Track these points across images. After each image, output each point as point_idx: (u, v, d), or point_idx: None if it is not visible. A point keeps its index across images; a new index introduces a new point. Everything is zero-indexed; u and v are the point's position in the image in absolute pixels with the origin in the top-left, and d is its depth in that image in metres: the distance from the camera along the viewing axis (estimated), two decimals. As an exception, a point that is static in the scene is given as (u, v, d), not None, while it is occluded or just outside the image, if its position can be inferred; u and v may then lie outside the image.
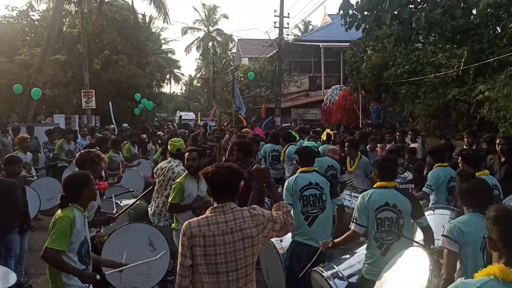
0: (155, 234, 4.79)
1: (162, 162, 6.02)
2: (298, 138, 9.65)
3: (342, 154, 8.01)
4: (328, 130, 9.59)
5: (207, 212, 2.92)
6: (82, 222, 3.64)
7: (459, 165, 5.58)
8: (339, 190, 6.22)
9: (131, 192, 7.59)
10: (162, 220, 5.70)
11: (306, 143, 7.81)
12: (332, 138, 9.00)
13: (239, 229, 2.82)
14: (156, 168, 6.05)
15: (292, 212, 4.84)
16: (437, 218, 4.92)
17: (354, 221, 4.05)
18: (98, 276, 3.62)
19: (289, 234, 5.08)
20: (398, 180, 6.71)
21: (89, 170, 4.48)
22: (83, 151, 5.17)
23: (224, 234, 2.80)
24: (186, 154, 5.27)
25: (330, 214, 5.02)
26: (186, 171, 5.24)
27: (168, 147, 5.99)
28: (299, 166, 5.16)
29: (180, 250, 2.84)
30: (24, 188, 6.37)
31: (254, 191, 5.81)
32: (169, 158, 5.91)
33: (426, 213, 4.36)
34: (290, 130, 10.67)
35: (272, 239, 4.41)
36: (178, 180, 5.17)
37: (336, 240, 4.27)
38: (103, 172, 6.19)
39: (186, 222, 2.89)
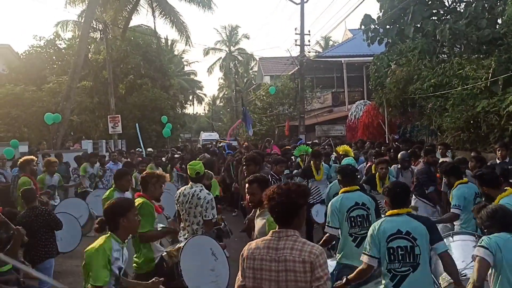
0: (214, 244, 4.93)
1: (184, 188, 5.61)
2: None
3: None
4: (345, 147, 9.68)
5: (269, 233, 2.83)
6: (120, 253, 3.49)
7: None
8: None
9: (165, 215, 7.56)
10: None
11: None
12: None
13: (283, 260, 2.69)
14: (177, 194, 5.63)
15: (339, 233, 4.83)
16: (458, 246, 4.68)
17: (366, 253, 3.83)
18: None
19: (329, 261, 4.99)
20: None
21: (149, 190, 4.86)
22: (144, 173, 5.30)
23: (272, 261, 2.70)
24: (246, 187, 4.34)
25: None
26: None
27: (188, 171, 5.60)
28: (341, 186, 5.13)
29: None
30: None
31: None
32: (190, 183, 5.51)
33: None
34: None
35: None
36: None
37: (349, 277, 3.97)
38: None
39: (249, 243, 2.86)
